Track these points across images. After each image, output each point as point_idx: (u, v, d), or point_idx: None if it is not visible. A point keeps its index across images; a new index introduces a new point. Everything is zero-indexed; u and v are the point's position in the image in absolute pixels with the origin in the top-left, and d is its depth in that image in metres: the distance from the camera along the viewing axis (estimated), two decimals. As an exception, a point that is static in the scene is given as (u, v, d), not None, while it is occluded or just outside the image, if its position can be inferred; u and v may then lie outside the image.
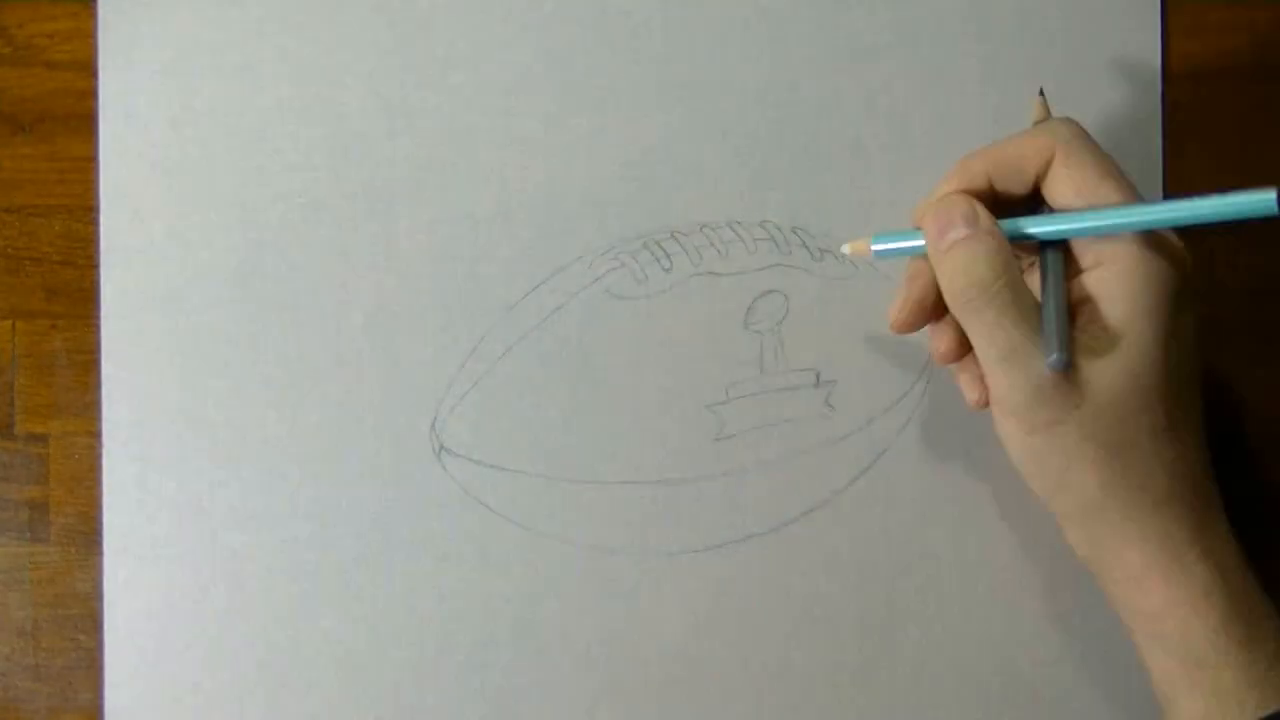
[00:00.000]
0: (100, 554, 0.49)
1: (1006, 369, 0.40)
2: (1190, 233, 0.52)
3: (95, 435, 0.49)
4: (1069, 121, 0.42)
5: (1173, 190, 0.51)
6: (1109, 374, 0.39)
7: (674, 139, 0.50)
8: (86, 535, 0.50)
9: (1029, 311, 0.40)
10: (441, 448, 0.48)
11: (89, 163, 0.50)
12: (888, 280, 0.50)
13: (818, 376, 0.49)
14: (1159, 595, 0.41)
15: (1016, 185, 0.42)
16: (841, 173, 0.51)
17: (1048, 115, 0.44)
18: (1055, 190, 0.42)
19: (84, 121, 0.50)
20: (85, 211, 0.50)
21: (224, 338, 0.50)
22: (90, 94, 0.50)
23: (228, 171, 0.50)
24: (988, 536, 0.51)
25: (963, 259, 0.41)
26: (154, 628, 0.49)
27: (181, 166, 0.50)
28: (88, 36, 0.50)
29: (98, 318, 0.49)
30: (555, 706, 0.50)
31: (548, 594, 0.50)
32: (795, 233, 0.49)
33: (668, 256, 0.49)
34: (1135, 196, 0.41)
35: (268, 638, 0.49)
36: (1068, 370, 0.39)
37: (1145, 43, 0.51)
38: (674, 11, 0.50)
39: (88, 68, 0.50)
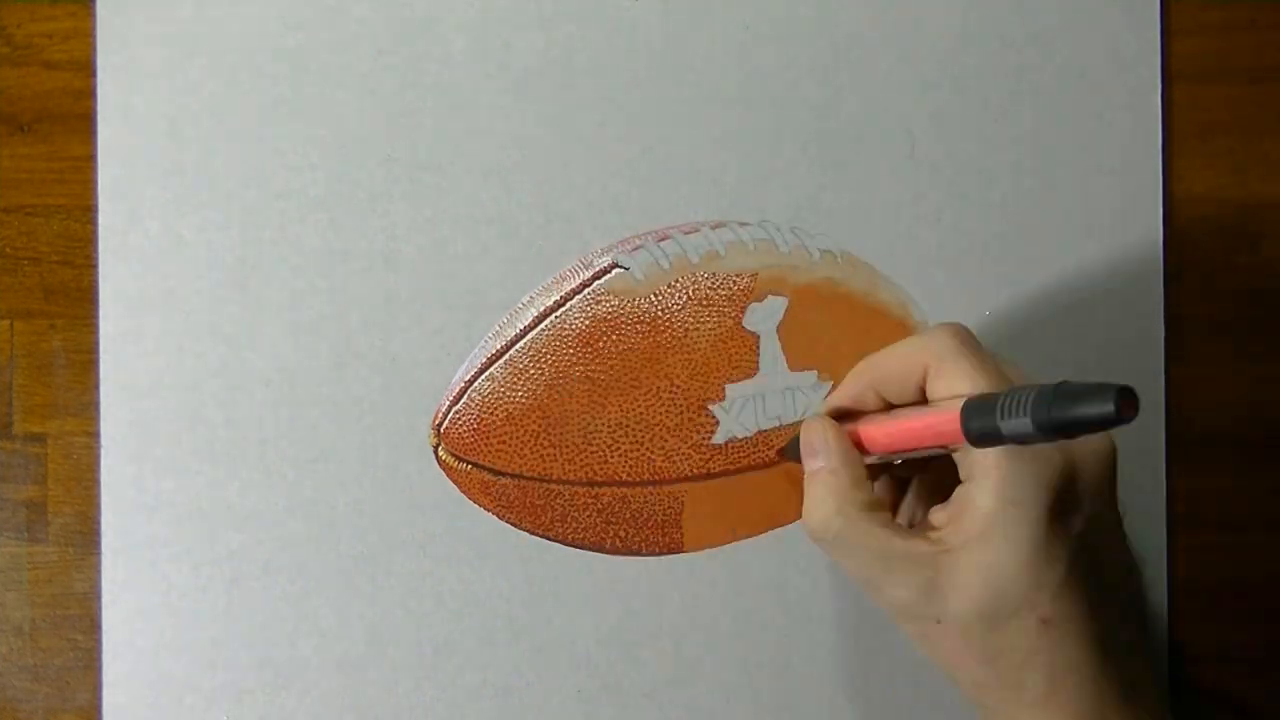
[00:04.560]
0: (98, 554, 0.49)
1: (868, 592, 0.41)
2: (1190, 232, 0.52)
3: (93, 435, 0.49)
4: (946, 331, 0.41)
5: (1173, 190, 0.51)
6: (969, 585, 0.39)
7: (674, 139, 0.50)
8: (85, 535, 0.50)
9: (873, 539, 0.40)
10: (440, 448, 0.48)
11: (87, 162, 0.50)
12: (888, 280, 0.50)
13: (817, 376, 0.49)
14: None
15: (902, 396, 0.42)
16: (841, 173, 0.51)
17: None
18: (934, 400, 0.41)
19: (82, 121, 0.50)
20: (84, 211, 0.50)
21: (222, 338, 0.49)
22: (89, 94, 0.50)
23: (226, 171, 0.50)
24: (987, 537, 0.51)
25: (809, 498, 0.42)
26: (152, 628, 0.49)
27: (180, 166, 0.50)
28: (86, 36, 0.50)
29: (96, 318, 0.49)
30: (555, 706, 0.50)
31: (547, 594, 0.50)
32: (795, 233, 0.49)
33: (667, 256, 0.48)
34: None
35: (266, 638, 0.49)
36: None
37: (1145, 43, 0.51)
38: (674, 11, 0.50)
39: (86, 67, 0.50)
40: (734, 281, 0.49)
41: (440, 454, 0.46)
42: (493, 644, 0.50)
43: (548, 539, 0.48)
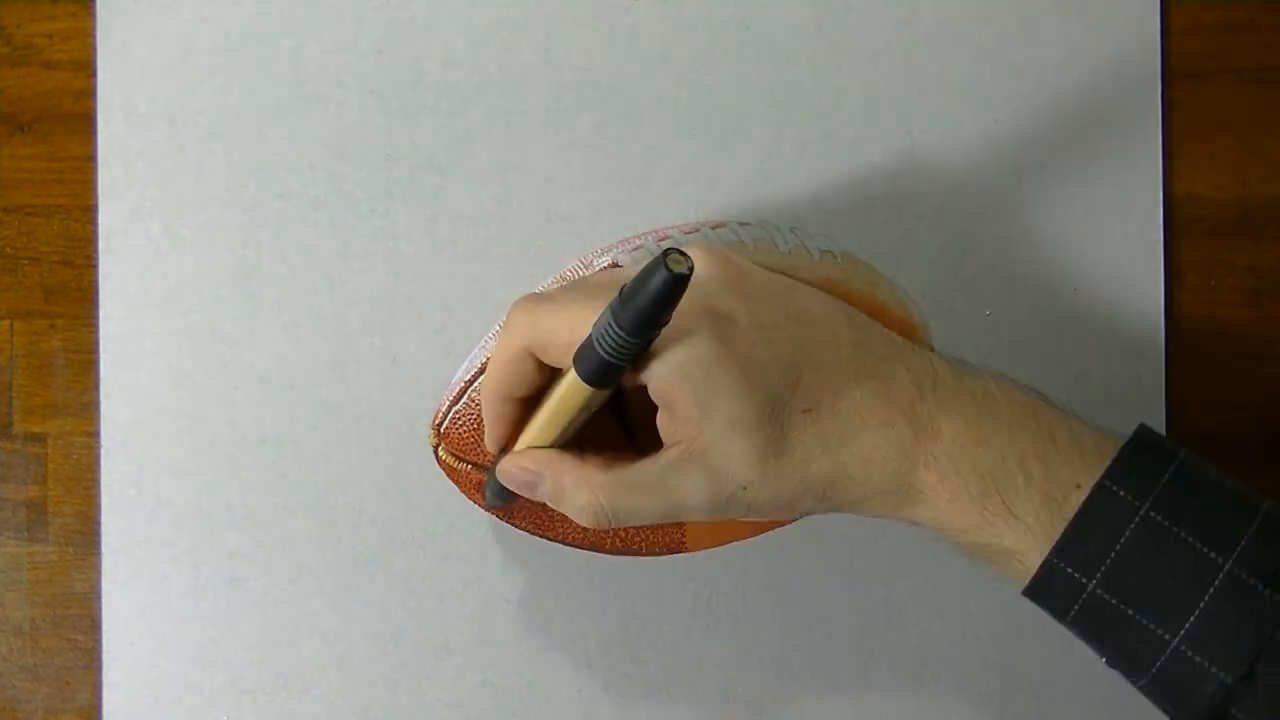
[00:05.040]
0: (98, 554, 0.49)
1: (677, 517, 0.40)
2: (1190, 232, 0.52)
3: (93, 435, 0.49)
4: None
5: (1173, 189, 0.51)
6: (728, 452, 0.38)
7: (674, 139, 0.50)
8: (85, 535, 0.50)
9: (635, 478, 0.40)
10: (440, 448, 0.48)
11: (87, 162, 0.50)
12: (888, 280, 0.50)
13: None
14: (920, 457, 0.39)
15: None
16: (841, 173, 0.51)
17: None
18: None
19: (82, 121, 0.50)
20: (83, 211, 0.50)
21: (222, 337, 0.49)
22: (89, 94, 0.50)
23: (226, 171, 0.50)
24: (987, 537, 0.51)
25: (569, 507, 0.41)
26: (152, 628, 0.49)
27: (180, 166, 0.50)
28: (86, 36, 0.50)
29: (96, 318, 0.49)
30: (555, 706, 0.50)
31: (547, 594, 0.50)
32: (795, 233, 0.49)
33: (667, 256, 0.48)
34: None
35: (266, 638, 0.49)
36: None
37: (1145, 43, 0.51)
38: (674, 11, 0.50)
39: (86, 67, 0.50)
40: (734, 281, 0.49)
41: (440, 454, 0.46)
42: (493, 644, 0.50)
43: (548, 539, 0.48)
